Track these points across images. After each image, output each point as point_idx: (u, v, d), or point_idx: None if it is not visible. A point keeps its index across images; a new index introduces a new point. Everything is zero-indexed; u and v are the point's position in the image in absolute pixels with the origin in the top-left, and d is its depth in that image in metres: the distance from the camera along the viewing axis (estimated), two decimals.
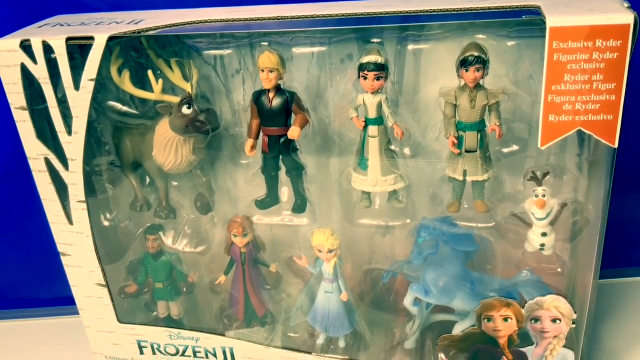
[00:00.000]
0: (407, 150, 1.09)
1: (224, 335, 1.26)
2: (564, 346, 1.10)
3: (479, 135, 1.01)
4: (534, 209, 1.04)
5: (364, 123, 1.05)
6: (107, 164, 1.26)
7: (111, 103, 1.16)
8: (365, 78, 1.01)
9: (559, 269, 1.10)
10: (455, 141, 1.02)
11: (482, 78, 0.97)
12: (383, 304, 1.26)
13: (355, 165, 1.10)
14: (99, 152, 1.24)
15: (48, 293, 1.62)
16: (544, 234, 1.05)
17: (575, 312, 1.06)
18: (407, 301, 1.18)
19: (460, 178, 1.04)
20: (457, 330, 1.17)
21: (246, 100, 1.15)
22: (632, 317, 1.39)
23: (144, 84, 1.14)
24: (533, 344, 1.11)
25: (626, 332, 1.34)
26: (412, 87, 1.08)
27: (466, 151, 1.02)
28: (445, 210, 1.09)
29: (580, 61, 0.86)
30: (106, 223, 1.28)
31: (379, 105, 1.03)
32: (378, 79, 1.00)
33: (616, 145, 0.90)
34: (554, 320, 1.08)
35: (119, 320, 1.27)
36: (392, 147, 1.07)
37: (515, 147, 1.05)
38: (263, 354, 1.24)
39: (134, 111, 1.17)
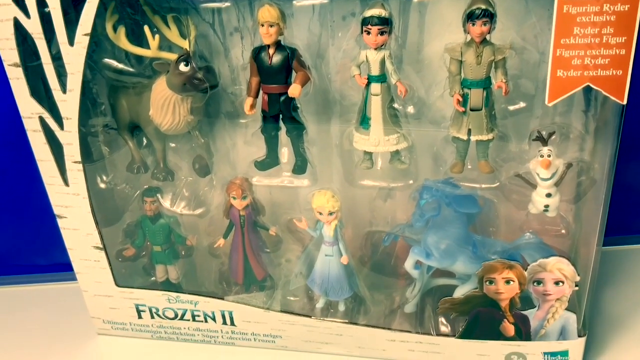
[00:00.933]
0: (410, 109, 1.06)
1: (223, 299, 1.25)
2: (566, 309, 1.09)
3: (485, 92, 0.98)
4: (539, 170, 1.02)
5: (366, 81, 1.02)
6: (103, 126, 1.24)
7: (107, 61, 1.13)
8: (368, 33, 0.98)
9: (563, 231, 1.09)
10: (460, 99, 0.99)
11: (489, 33, 0.95)
12: (383, 268, 1.25)
13: (357, 125, 1.07)
14: (94, 113, 1.22)
15: (45, 259, 1.61)
16: (548, 195, 1.03)
17: (578, 275, 1.05)
18: (408, 264, 1.17)
19: (465, 137, 1.02)
20: (458, 294, 1.17)
21: (245, 57, 1.12)
22: (634, 284, 1.38)
23: (141, 42, 1.11)
24: (535, 307, 1.10)
25: (627, 299, 1.34)
26: (416, 43, 1.05)
27: (471, 109, 0.99)
28: (448, 171, 1.07)
29: (590, 14, 0.84)
30: (102, 185, 1.26)
31: (382, 62, 1.00)
32: (382, 34, 0.97)
33: (625, 102, 0.88)
34: (556, 283, 1.07)
35: (117, 284, 1.26)
36: (395, 105, 1.04)
37: (522, 104, 1.03)
38: (262, 317, 1.23)
39: (131, 69, 1.14)
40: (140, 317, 1.30)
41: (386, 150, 1.06)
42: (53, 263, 1.58)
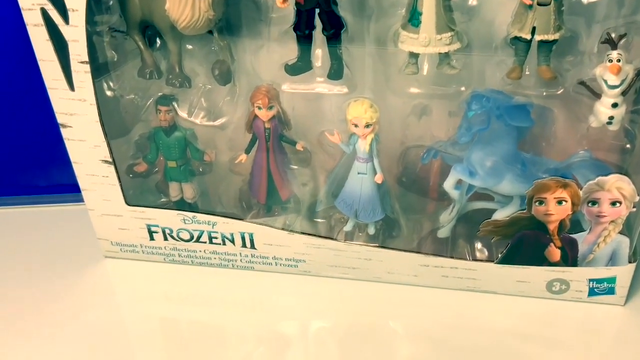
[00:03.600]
0: (472, 1, 0.94)
1: (242, 220, 1.17)
2: (620, 232, 1.02)
3: None
4: (607, 75, 0.92)
5: None
6: (108, 27, 1.11)
7: None
8: None
9: (627, 145, 1.00)
10: None
11: None
12: (418, 188, 1.17)
13: (404, 22, 0.96)
14: (98, 10, 1.08)
15: (44, 180, 1.52)
16: (614, 106, 0.94)
17: (638, 195, 0.97)
18: (449, 184, 1.10)
19: (528, 37, 0.91)
20: (498, 217, 1.09)
21: None
22: None
23: None
24: (585, 230, 1.04)
25: None
26: None
27: (538, 4, 0.88)
28: (504, 78, 0.97)
29: None
30: (110, 93, 1.15)
31: None
32: None
33: None
34: (613, 204, 1.00)
35: (127, 203, 1.18)
36: None
37: None
38: (285, 240, 1.16)
39: None
40: (152, 238, 1.22)
41: (436, 52, 0.95)
42: (53, 184, 1.50)
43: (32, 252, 1.31)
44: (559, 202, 1.01)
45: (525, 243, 1.06)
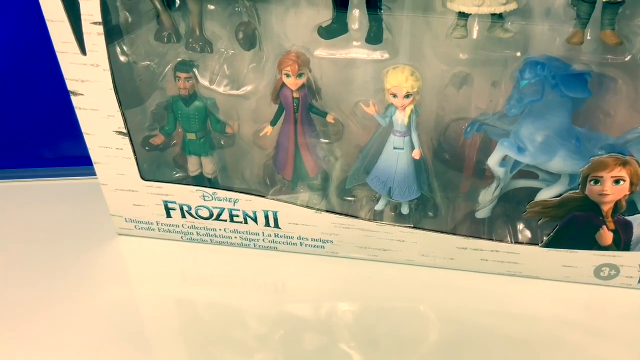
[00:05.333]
0: None
1: (266, 197, 1.11)
2: None
3: None
4: None
5: None
6: None
7: None
8: None
9: None
10: None
11: None
12: (458, 165, 1.09)
13: None
14: None
15: (52, 152, 1.46)
16: None
17: None
18: (494, 160, 1.03)
19: None
20: (543, 197, 1.02)
21: None
22: None
23: None
24: None
25: None
26: None
27: None
28: (564, 43, 0.88)
29: None
30: (123, 59, 1.08)
31: None
32: None
33: None
34: None
35: (143, 178, 1.12)
36: None
37: None
38: (312, 219, 1.10)
39: None
40: (169, 215, 1.17)
41: (491, 12, 0.86)
42: (61, 156, 1.45)
43: (41, 229, 1.26)
44: (616, 182, 0.94)
45: (575, 225, 1.00)
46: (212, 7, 1.05)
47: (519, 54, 0.94)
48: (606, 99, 0.96)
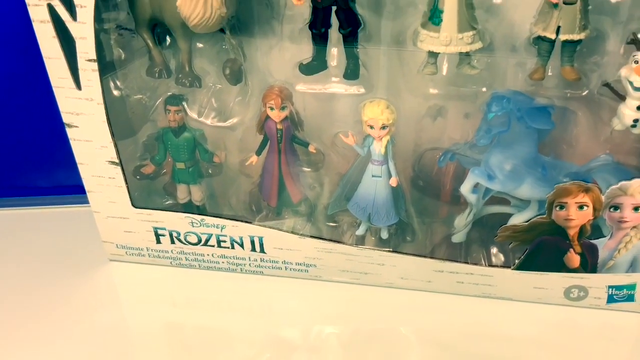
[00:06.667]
0: None
1: (252, 223, 1.14)
2: None
3: None
4: (633, 77, 0.90)
5: None
6: (115, 26, 1.08)
7: None
8: None
9: None
10: None
11: None
12: (433, 192, 1.15)
13: (425, 21, 0.93)
14: (106, 8, 1.06)
15: (47, 181, 1.49)
16: (639, 108, 0.91)
17: None
18: (466, 188, 1.07)
19: (552, 36, 0.89)
20: (514, 222, 1.07)
21: None
22: None
23: None
24: (606, 235, 1.02)
25: None
26: None
27: (564, 2, 0.86)
28: (527, 79, 0.95)
29: None
30: (116, 93, 1.12)
31: None
32: None
33: None
34: (636, 209, 0.98)
35: (134, 205, 1.15)
36: None
37: None
38: (296, 244, 1.14)
39: None
40: (158, 241, 1.20)
41: (458, 51, 0.92)
42: (56, 185, 1.47)
43: (34, 255, 1.28)
44: (580, 207, 0.98)
45: (544, 249, 1.04)
46: (200, 45, 1.09)
47: (484, 89, 1.00)
48: (568, 130, 1.02)
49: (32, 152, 1.44)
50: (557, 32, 0.89)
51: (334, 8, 0.94)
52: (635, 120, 0.93)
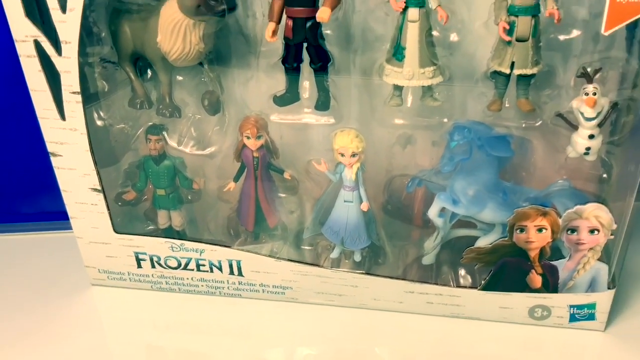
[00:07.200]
0: (453, 37, 0.98)
1: (230, 247, 1.18)
2: (598, 260, 1.05)
3: (533, 20, 0.92)
4: (583, 108, 0.96)
5: (403, 5, 0.94)
6: (99, 59, 1.13)
7: None
8: None
9: (604, 175, 1.04)
10: (507, 27, 0.92)
11: None
12: (403, 216, 1.19)
13: (389, 56, 0.99)
14: (90, 42, 1.11)
15: (30, 207, 1.51)
16: (591, 137, 0.97)
17: (615, 223, 1.00)
18: (433, 212, 1.12)
19: (507, 71, 0.95)
20: (481, 245, 1.12)
21: None
22: None
23: None
24: (565, 257, 1.06)
25: None
26: None
27: (517, 39, 0.92)
28: (485, 110, 1.00)
29: None
30: (100, 123, 1.17)
31: None
32: None
33: None
34: (591, 231, 1.02)
35: (115, 231, 1.18)
36: (434, 33, 0.96)
37: (576, 33, 0.96)
38: (272, 267, 1.17)
39: None
40: (139, 266, 1.22)
41: (420, 85, 0.98)
42: (39, 211, 1.50)
43: (18, 280, 1.30)
44: (539, 230, 1.03)
45: (507, 270, 1.08)
46: (180, 77, 1.14)
47: (446, 119, 1.05)
48: (526, 157, 1.07)
49: (16, 179, 1.47)
50: (512, 67, 0.95)
51: (305, 44, 1.00)
52: (588, 148, 0.99)
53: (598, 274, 1.06)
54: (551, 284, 1.08)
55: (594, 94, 0.95)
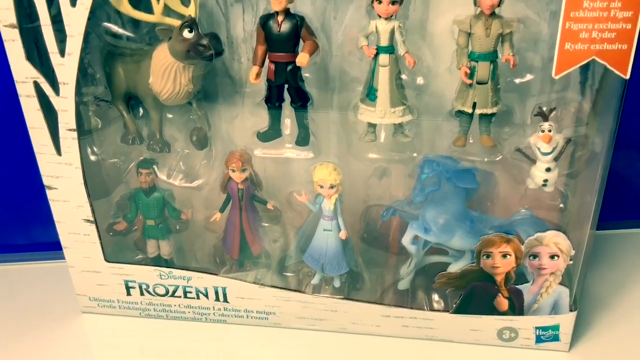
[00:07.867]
0: (420, 80, 1.07)
1: (216, 274, 1.23)
2: (560, 284, 1.11)
3: (492, 65, 1.00)
4: (539, 144, 1.04)
5: (375, 51, 1.02)
6: (93, 98, 1.20)
7: (107, 25, 1.10)
8: (380, 2, 0.98)
9: (561, 205, 1.12)
10: (468, 71, 1.01)
11: (498, 6, 0.96)
12: (380, 244, 1.26)
13: (363, 97, 1.07)
14: (85, 82, 1.18)
15: (24, 238, 1.55)
16: (547, 170, 1.06)
17: (573, 249, 1.08)
18: (406, 239, 1.18)
19: (470, 111, 1.03)
20: (452, 270, 1.18)
21: (247, 29, 1.11)
22: (618, 266, 1.43)
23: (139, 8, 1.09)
24: (529, 281, 1.12)
25: (611, 280, 1.38)
26: (420, 19, 1.06)
27: (477, 82, 1.01)
28: (451, 145, 1.08)
29: None
30: (93, 158, 1.23)
31: (392, 33, 1.01)
32: (393, 3, 0.98)
33: (628, 77, 0.91)
34: (552, 257, 1.09)
35: (106, 260, 1.22)
36: (403, 77, 1.05)
37: (529, 77, 1.05)
38: (256, 293, 1.22)
39: (131, 34, 1.11)
40: (129, 294, 1.26)
41: (391, 122, 1.06)
42: (32, 242, 1.53)
43: (10, 309, 1.33)
44: (504, 256, 1.10)
45: (476, 294, 1.14)
46: (170, 115, 1.20)
47: (415, 154, 1.13)
48: (490, 189, 1.14)
49: (10, 211, 1.51)
50: (474, 107, 1.03)
51: (286, 86, 1.07)
52: (545, 180, 1.07)
53: (560, 297, 1.12)
54: (517, 307, 1.13)
55: (549, 130, 1.03)
